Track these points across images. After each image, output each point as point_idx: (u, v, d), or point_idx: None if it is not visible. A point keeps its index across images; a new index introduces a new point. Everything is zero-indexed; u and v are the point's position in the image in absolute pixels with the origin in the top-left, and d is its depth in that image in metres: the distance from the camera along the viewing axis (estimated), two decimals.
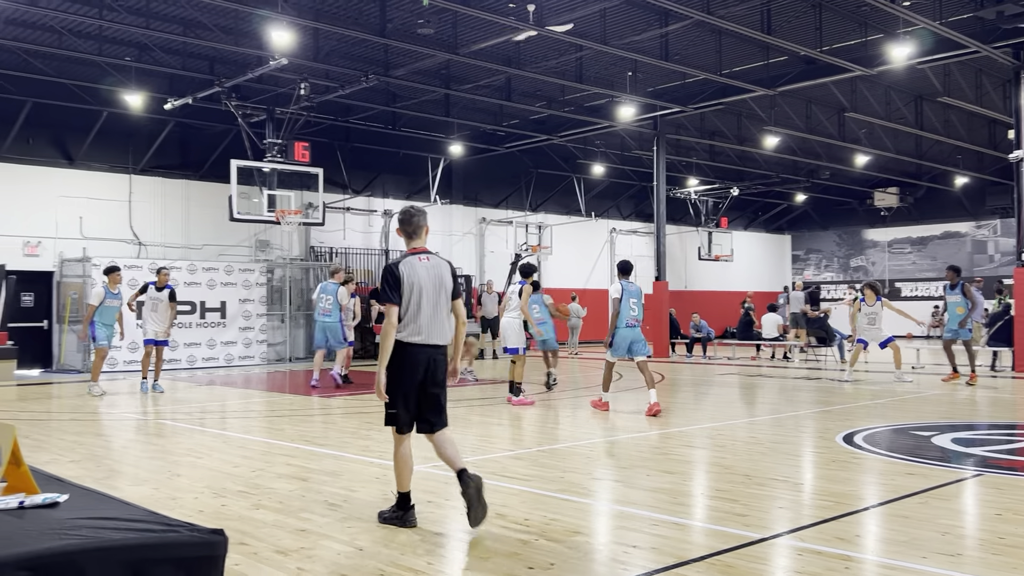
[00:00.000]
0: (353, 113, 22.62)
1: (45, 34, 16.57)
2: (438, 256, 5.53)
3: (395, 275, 5.29)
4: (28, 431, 9.59)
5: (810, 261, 38.75)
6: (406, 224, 5.49)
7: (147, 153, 20.84)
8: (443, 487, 6.49)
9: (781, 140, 24.89)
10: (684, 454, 8.04)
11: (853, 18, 16.62)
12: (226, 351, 20.52)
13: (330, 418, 10.95)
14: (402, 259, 5.41)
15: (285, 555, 4.74)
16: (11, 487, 3.49)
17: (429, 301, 5.31)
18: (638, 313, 10.88)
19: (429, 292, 5.32)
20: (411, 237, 5.49)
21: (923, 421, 10.09)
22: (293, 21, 14.94)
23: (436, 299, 5.35)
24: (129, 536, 2.96)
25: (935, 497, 6.09)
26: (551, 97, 21.85)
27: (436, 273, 5.39)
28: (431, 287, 5.33)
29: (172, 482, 6.81)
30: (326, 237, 23.66)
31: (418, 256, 5.39)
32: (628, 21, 16.46)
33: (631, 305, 10.78)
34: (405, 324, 5.28)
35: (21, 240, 19.02)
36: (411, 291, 5.27)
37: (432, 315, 5.33)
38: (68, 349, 19.40)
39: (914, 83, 21.20)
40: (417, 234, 5.48)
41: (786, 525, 5.41)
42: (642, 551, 4.79)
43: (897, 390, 13.66)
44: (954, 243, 34.29)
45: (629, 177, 30.56)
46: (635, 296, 10.88)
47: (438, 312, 5.37)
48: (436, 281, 5.37)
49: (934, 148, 27.36)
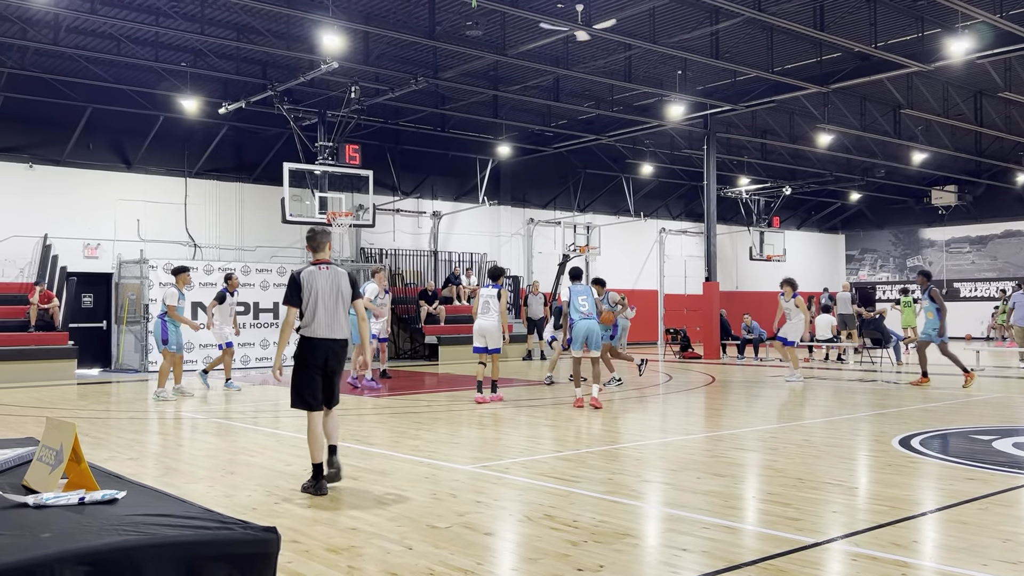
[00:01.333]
0: (402, 115, 22.79)
1: (104, 41, 16.99)
2: (336, 266, 6.69)
3: (296, 283, 6.50)
4: (88, 429, 9.83)
5: (865, 261, 38.01)
6: (311, 241, 6.71)
7: (202, 157, 21.24)
8: (493, 487, 6.50)
9: (835, 138, 24.46)
10: (735, 457, 7.94)
11: (909, 12, 16.27)
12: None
13: (380, 417, 11.04)
14: (304, 269, 6.58)
15: (336, 553, 4.78)
16: (72, 483, 3.58)
17: (325, 303, 6.49)
18: (589, 307, 11.79)
19: (326, 296, 6.50)
20: (315, 251, 6.71)
21: (983, 425, 9.84)
22: (344, 25, 15.10)
23: (335, 302, 6.53)
24: (185, 533, 3.02)
25: (996, 503, 5.93)
26: (599, 97, 21.76)
27: (334, 280, 6.57)
28: (328, 292, 6.52)
29: (226, 480, 6.92)
30: (376, 239, 23.87)
31: (319, 266, 6.60)
32: (677, 19, 16.33)
33: (580, 301, 11.75)
34: (307, 322, 6.49)
35: (81, 242, 19.52)
36: (310, 295, 6.47)
37: (329, 314, 6.51)
38: (126, 349, 19.85)
39: (973, 78, 20.68)
40: (320, 248, 6.70)
41: (840, 530, 5.31)
42: (692, 554, 4.74)
43: (957, 394, 13.33)
44: (1016, 242, 33.37)
45: (679, 176, 30.30)
46: (583, 293, 11.88)
47: (336, 312, 6.54)
48: (334, 287, 6.55)
49: (994, 144, 26.67)
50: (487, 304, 12.35)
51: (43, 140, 19.26)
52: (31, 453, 4.01)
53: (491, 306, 12.32)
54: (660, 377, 16.85)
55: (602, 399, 11.95)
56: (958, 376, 14.27)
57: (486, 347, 12.39)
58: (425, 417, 10.92)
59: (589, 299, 11.88)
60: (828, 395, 13.31)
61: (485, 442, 8.92)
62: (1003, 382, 15.52)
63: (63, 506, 3.32)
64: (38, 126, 19.14)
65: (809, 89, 18.97)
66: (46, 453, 3.74)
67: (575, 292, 11.84)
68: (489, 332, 12.34)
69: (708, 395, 13.65)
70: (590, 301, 11.88)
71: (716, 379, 16.28)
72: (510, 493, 6.35)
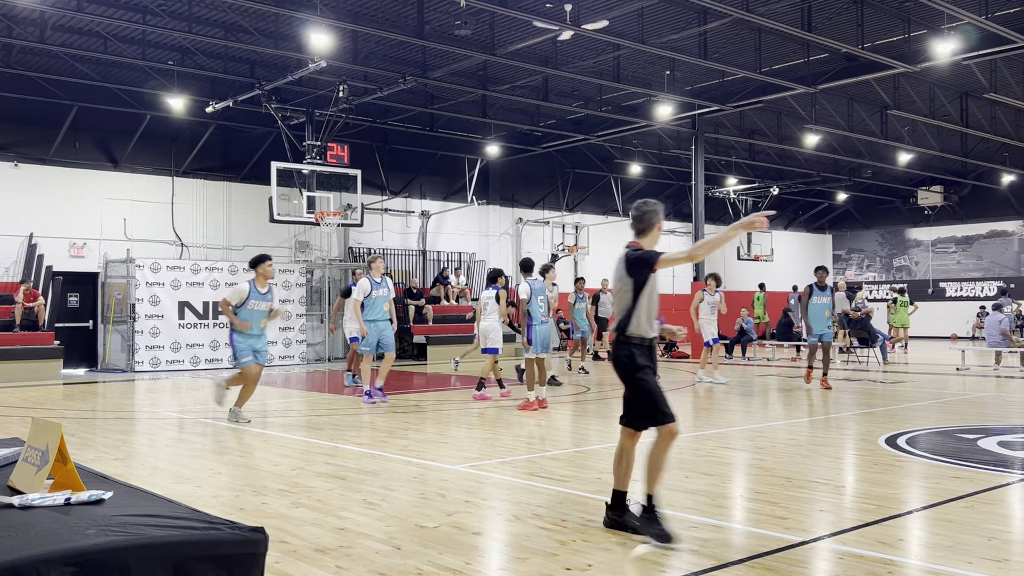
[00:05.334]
0: (391, 115, 22.76)
1: (90, 39, 16.90)
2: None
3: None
4: (74, 429, 9.78)
5: (852, 261, 38.20)
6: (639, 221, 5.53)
7: (189, 156, 21.16)
8: (481, 487, 6.50)
9: (822, 138, 24.58)
10: (723, 456, 7.97)
11: (896, 14, 16.36)
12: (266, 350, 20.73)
13: (369, 417, 11.02)
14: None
15: (324, 553, 4.77)
16: (58, 484, 3.56)
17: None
18: (545, 309, 11.70)
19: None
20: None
21: (968, 424, 9.90)
22: (332, 24, 15.07)
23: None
24: (172, 533, 3.00)
25: (981, 501, 5.97)
26: (588, 97, 21.79)
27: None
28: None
29: (214, 480, 6.90)
30: (364, 238, 23.83)
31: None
32: (666, 20, 16.37)
33: (539, 303, 11.55)
34: (637, 321, 5.30)
35: (67, 241, 19.41)
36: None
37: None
38: (113, 349, 19.76)
39: (959, 79, 20.81)
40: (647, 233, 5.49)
41: (827, 528, 5.33)
42: (681, 553, 4.75)
43: (943, 393, 13.41)
44: (1001, 242, 33.60)
45: (667, 176, 30.37)
46: (540, 293, 11.62)
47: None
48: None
49: (980, 145, 26.84)
50: (486, 306, 12.73)
51: (29, 139, 19.14)
52: (16, 454, 3.98)
53: (489, 308, 12.70)
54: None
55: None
56: (945, 375, 14.34)
57: (494, 347, 12.78)
58: (414, 417, 10.91)
59: (545, 300, 11.74)
60: (815, 394, 13.37)
61: (474, 442, 8.92)
62: (987, 381, 15.61)
63: (49, 507, 3.30)
64: (24, 124, 19.02)
65: (797, 89, 19.05)
66: (32, 454, 3.71)
67: (536, 292, 11.59)
68: (486, 332, 12.68)
69: (695, 394, 13.68)
70: (546, 303, 11.77)
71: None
72: (499, 492, 6.35)
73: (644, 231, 5.48)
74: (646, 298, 5.24)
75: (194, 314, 19.68)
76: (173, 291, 19.44)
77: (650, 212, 5.48)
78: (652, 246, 5.42)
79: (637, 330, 5.22)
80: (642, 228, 5.48)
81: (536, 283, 11.66)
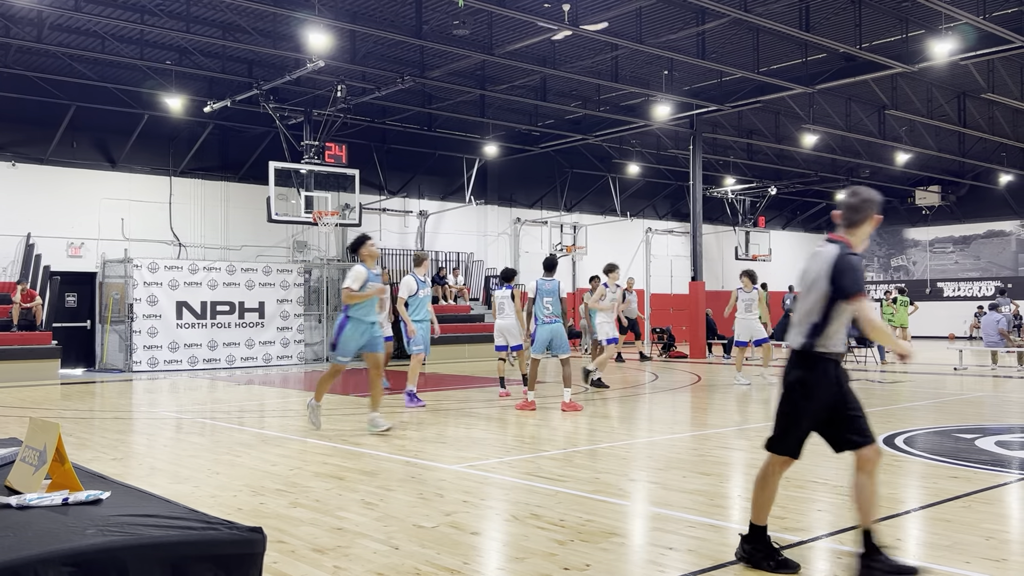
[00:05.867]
0: (389, 115, 22.75)
1: (88, 39, 16.88)
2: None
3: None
4: (72, 429, 9.77)
5: None
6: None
7: (187, 155, 21.14)
8: (479, 487, 6.50)
9: (820, 138, 24.60)
10: (720, 456, 7.97)
11: (894, 14, 16.37)
12: (264, 351, 20.76)
13: (367, 416, 11.00)
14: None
15: (322, 553, 4.77)
16: (55, 484, 3.56)
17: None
18: (553, 310, 11.43)
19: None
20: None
21: (966, 423, 9.91)
22: (330, 24, 15.07)
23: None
24: (170, 533, 3.00)
25: (979, 501, 5.97)
26: (586, 97, 21.80)
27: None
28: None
29: (211, 480, 6.89)
30: None
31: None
32: (664, 20, 16.37)
33: (545, 303, 11.40)
34: (828, 336, 4.86)
35: (65, 241, 19.39)
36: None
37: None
38: (111, 349, 19.75)
39: (957, 79, 20.83)
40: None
41: (825, 528, 5.34)
42: (679, 553, 4.76)
43: (941, 393, 13.42)
44: (998, 242, 33.65)
45: (665, 176, 30.38)
46: (550, 295, 11.43)
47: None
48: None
49: (977, 145, 26.87)
50: (502, 306, 12.87)
51: (26, 138, 19.12)
52: (14, 454, 3.98)
53: (506, 307, 12.83)
54: (646, 376, 16.89)
55: (582, 399, 11.94)
56: (942, 375, 14.35)
57: (507, 345, 12.93)
58: (411, 416, 10.90)
59: (555, 301, 11.46)
60: None
61: (472, 441, 8.92)
62: (984, 381, 15.62)
63: (47, 507, 3.30)
64: (21, 124, 19.00)
65: (795, 90, 19.06)
66: (29, 454, 3.71)
67: (543, 292, 11.42)
68: (508, 331, 12.85)
69: (694, 394, 13.69)
70: (556, 304, 11.46)
71: (701, 378, 16.32)
72: (497, 492, 6.35)
73: (856, 224, 4.53)
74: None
75: (192, 314, 19.67)
76: (171, 291, 19.43)
77: (869, 202, 4.50)
78: (861, 244, 4.57)
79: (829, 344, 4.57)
80: (854, 221, 4.52)
81: (545, 283, 11.50)
